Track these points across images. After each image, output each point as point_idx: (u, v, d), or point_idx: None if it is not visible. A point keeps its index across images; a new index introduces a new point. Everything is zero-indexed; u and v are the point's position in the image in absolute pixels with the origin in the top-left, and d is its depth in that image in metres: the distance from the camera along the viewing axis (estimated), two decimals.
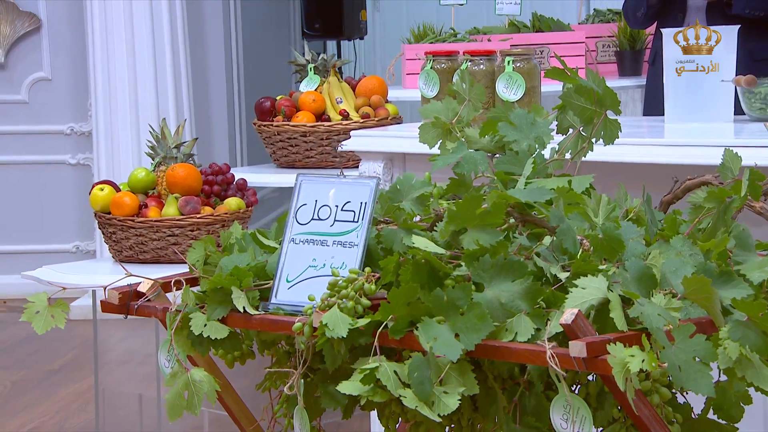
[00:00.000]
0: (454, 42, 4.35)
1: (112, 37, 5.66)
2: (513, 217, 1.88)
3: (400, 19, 10.60)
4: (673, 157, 2.72)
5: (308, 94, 3.73)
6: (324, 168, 3.71)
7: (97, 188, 3.36)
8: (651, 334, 1.60)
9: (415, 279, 1.77)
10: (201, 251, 2.06)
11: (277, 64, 7.55)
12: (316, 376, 1.95)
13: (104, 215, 3.33)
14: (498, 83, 3.05)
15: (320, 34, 9.06)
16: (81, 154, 6.29)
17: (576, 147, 2.21)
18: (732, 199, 1.98)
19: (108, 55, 5.69)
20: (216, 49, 6.32)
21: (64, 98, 6.24)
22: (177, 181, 3.29)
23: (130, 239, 3.28)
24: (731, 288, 1.71)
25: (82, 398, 4.37)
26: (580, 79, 2.14)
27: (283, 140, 3.71)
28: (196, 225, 3.26)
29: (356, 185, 1.94)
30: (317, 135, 3.67)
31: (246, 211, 3.34)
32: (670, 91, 3.18)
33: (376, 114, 3.73)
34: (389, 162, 3.13)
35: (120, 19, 5.64)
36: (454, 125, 2.36)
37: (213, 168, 3.37)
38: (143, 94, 5.65)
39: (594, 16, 4.88)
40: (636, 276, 1.72)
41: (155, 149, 3.42)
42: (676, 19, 3.95)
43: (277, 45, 7.61)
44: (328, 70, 3.78)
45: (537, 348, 1.65)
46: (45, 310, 1.97)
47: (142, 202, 3.32)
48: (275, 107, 3.76)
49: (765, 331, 1.62)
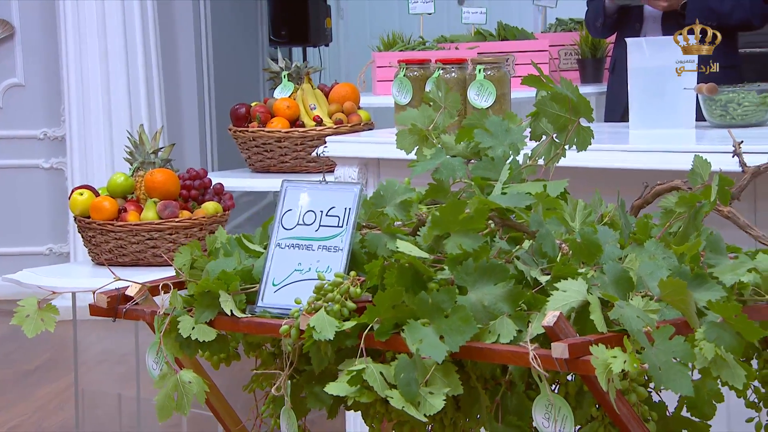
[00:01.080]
0: (423, 50, 4.35)
1: (85, 44, 5.62)
2: (494, 222, 1.88)
3: (363, 26, 10.61)
4: (640, 163, 2.74)
5: (282, 100, 3.72)
6: (298, 172, 3.71)
7: (77, 193, 3.34)
8: (630, 336, 1.61)
9: (399, 282, 1.77)
10: (187, 255, 2.05)
11: (246, 70, 7.53)
12: (301, 377, 1.95)
13: (84, 219, 3.31)
14: (469, 91, 3.06)
15: (286, 41, 9.06)
16: (54, 159, 6.24)
17: (549, 153, 2.22)
18: (702, 204, 2.00)
19: (81, 61, 5.65)
20: (187, 56, 6.29)
21: (37, 104, 6.19)
22: (156, 186, 3.28)
23: (109, 242, 3.26)
24: (705, 290, 1.73)
25: (59, 398, 4.34)
26: (555, 87, 2.15)
27: (258, 145, 3.71)
28: (174, 229, 3.24)
29: (341, 191, 1.94)
30: (292, 140, 3.67)
31: (223, 214, 3.33)
32: (635, 98, 3.20)
33: (348, 120, 3.73)
34: (364, 167, 3.13)
35: (93, 27, 5.60)
36: (431, 132, 2.36)
37: (191, 173, 3.36)
38: (116, 100, 5.61)
39: (556, 25, 4.90)
40: (614, 279, 1.73)
41: (133, 155, 3.40)
42: (633, 28, 3.99)
43: (246, 52, 7.59)
44: (302, 77, 3.78)
45: (520, 349, 1.66)
46: (35, 313, 1.96)
47: (121, 207, 3.30)
48: (250, 113, 3.76)
49: (739, 332, 1.63)
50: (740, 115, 3.12)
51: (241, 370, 2.32)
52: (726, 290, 1.74)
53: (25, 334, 1.94)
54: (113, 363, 4.86)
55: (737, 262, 1.82)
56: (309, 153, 3.67)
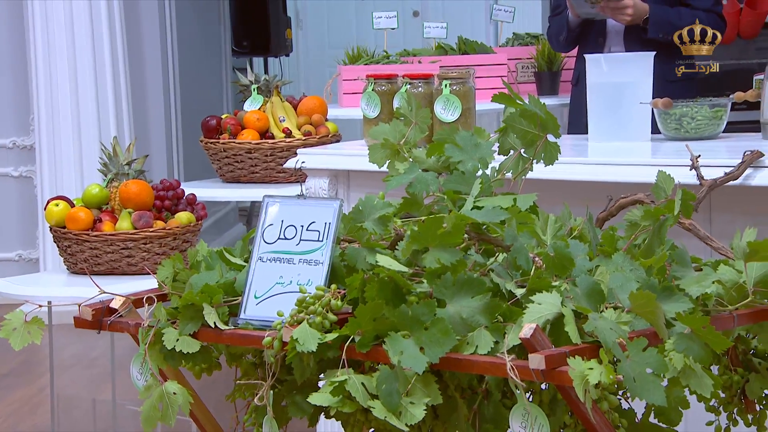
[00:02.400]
0: (388, 63, 4.36)
1: (54, 56, 5.57)
2: (470, 236, 1.89)
3: (322, 37, 10.61)
4: (600, 175, 2.75)
5: (252, 113, 3.71)
6: (268, 183, 3.70)
7: (52, 204, 3.31)
8: (604, 347, 1.62)
9: (380, 296, 1.77)
10: (170, 269, 2.04)
11: (210, 80, 7.49)
12: (283, 386, 1.95)
13: (59, 229, 3.28)
14: (436, 105, 3.07)
15: (248, 52, 9.04)
16: (23, 167, 6.18)
17: (517, 167, 2.23)
18: (666, 217, 2.02)
19: (50, 72, 5.59)
20: (154, 67, 6.25)
21: (6, 113, 6.12)
22: (130, 197, 3.25)
23: (84, 252, 3.24)
24: (673, 302, 1.74)
25: (32, 402, 4.29)
26: (525, 104, 2.16)
27: (229, 156, 3.69)
28: (149, 238, 3.22)
29: (321, 206, 1.94)
30: (262, 152, 3.66)
31: (196, 224, 3.32)
32: (593, 112, 3.22)
33: (317, 132, 3.73)
34: (334, 178, 3.13)
35: (62, 39, 5.55)
36: (402, 146, 2.37)
37: (164, 184, 3.34)
38: (84, 111, 5.56)
39: (513, 40, 4.93)
40: (586, 291, 1.75)
41: (107, 166, 3.37)
42: (596, 42, 4.00)
43: (210, 62, 7.56)
44: (271, 90, 3.77)
45: (498, 360, 1.66)
46: (21, 327, 1.94)
47: (97, 217, 3.27)
48: (221, 125, 3.74)
49: (707, 343, 1.65)
50: (694, 128, 3.15)
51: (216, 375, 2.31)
52: (692, 302, 1.76)
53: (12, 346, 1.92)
54: (83, 367, 4.81)
55: (702, 274, 1.84)
56: (279, 164, 3.66)
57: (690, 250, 2.07)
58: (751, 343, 2.09)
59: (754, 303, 1.87)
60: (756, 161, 2.57)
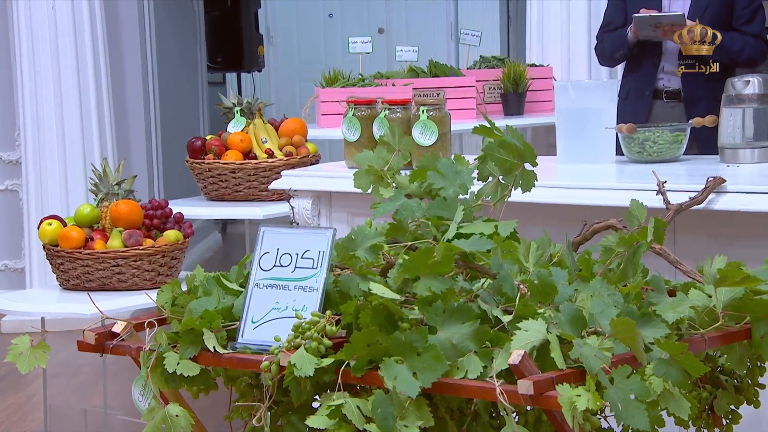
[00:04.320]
0: (363, 86, 4.36)
1: (40, 75, 5.51)
2: (458, 264, 1.89)
3: (291, 52, 10.60)
4: (571, 198, 2.77)
5: (236, 134, 3.70)
6: (252, 201, 3.69)
7: (45, 223, 3.28)
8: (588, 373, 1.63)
9: (374, 322, 1.77)
10: (169, 293, 2.03)
11: (187, 96, 7.45)
12: (279, 407, 1.94)
13: (52, 248, 3.25)
14: (414, 129, 3.07)
15: (222, 67, 9.02)
16: (9, 180, 6.11)
17: (496, 193, 2.24)
18: (640, 243, 2.03)
19: (36, 90, 5.53)
20: (134, 85, 6.20)
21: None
22: (120, 216, 3.23)
23: (77, 269, 3.21)
24: (651, 328, 1.75)
25: (21, 410, 4.24)
26: (504, 136, 2.17)
27: (213, 176, 3.68)
28: (138, 256, 3.20)
29: (315, 235, 1.93)
30: (245, 171, 3.65)
31: (184, 242, 3.30)
32: (561, 135, 3.24)
33: (298, 152, 3.72)
34: (317, 199, 3.12)
35: (47, 60, 5.49)
36: (386, 172, 2.37)
37: (153, 203, 3.32)
38: (69, 126, 5.51)
39: (481, 62, 4.95)
40: (569, 318, 1.75)
41: (98, 186, 3.35)
42: (652, 62, 3.92)
43: (187, 78, 7.52)
44: (254, 112, 3.76)
45: (487, 385, 1.67)
46: (28, 351, 1.92)
47: (88, 236, 3.25)
48: (206, 146, 3.73)
49: (684, 368, 1.66)
50: (656, 151, 3.17)
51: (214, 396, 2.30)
52: (668, 327, 1.77)
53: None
54: (70, 375, 4.76)
55: (677, 300, 1.85)
56: (262, 183, 3.66)
57: (655, 269, 2.08)
58: (719, 361, 2.11)
59: (723, 326, 1.89)
60: (718, 187, 2.59)
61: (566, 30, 5.11)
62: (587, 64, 5.07)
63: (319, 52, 10.53)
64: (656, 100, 3.93)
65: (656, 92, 3.92)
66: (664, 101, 3.92)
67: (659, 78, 3.91)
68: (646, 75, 3.90)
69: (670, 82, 3.92)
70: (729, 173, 2.86)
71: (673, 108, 3.91)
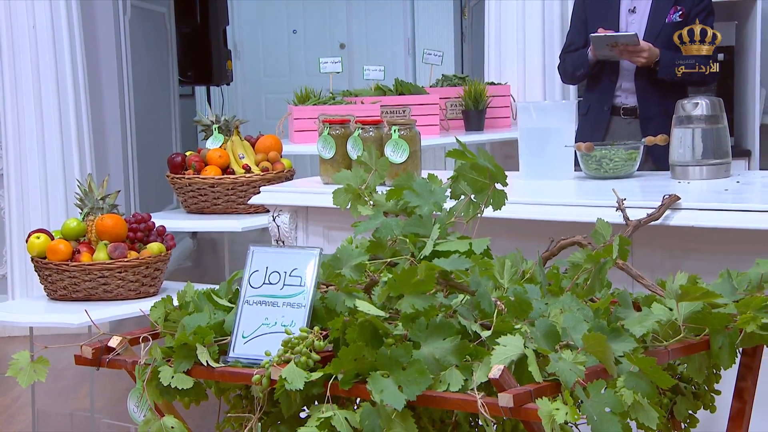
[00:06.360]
0: (334, 104, 4.35)
1: (21, 90, 5.44)
2: (439, 283, 1.90)
3: (257, 66, 10.57)
4: (536, 214, 2.78)
5: (214, 150, 3.68)
6: (230, 214, 3.67)
7: (34, 236, 3.24)
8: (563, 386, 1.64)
9: (360, 338, 1.77)
10: (161, 309, 2.01)
11: (160, 109, 7.40)
12: (269, 417, 1.93)
13: (40, 260, 3.22)
14: (386, 148, 3.07)
15: (192, 81, 8.97)
16: None
17: (468, 211, 2.25)
18: (606, 260, 2.05)
19: (17, 105, 5.47)
20: (111, 102, 6.15)
21: None
22: (106, 230, 3.21)
23: (64, 281, 3.18)
24: (620, 342, 1.77)
25: (7, 412, 4.19)
26: (477, 159, 2.18)
27: (193, 190, 3.66)
28: (123, 267, 3.18)
29: (302, 254, 1.93)
30: (224, 186, 3.63)
31: (166, 254, 3.28)
32: (523, 152, 3.26)
33: (273, 168, 3.71)
34: (294, 214, 3.12)
35: (28, 72, 5.43)
36: (363, 191, 2.37)
37: (136, 217, 3.29)
38: (50, 141, 5.45)
39: (443, 81, 4.96)
40: (544, 333, 1.77)
41: (83, 201, 3.32)
42: (609, 79, 3.95)
43: (160, 91, 7.47)
44: (231, 129, 3.74)
45: (469, 398, 1.68)
46: (27, 366, 1.90)
47: (75, 248, 3.22)
48: (185, 162, 3.71)
49: (653, 380, 1.68)
50: (612, 168, 3.20)
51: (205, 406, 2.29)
52: (636, 341, 1.79)
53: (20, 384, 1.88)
54: (52, 378, 4.71)
55: (643, 315, 1.87)
56: (239, 197, 3.64)
57: (614, 281, 2.11)
58: (678, 369, 2.13)
59: (684, 338, 1.91)
60: (673, 204, 2.62)
61: (522, 49, 5.14)
62: (542, 82, 5.10)
63: (283, 66, 10.52)
64: (614, 116, 3.96)
65: (614, 108, 3.96)
66: (621, 117, 3.96)
67: (616, 95, 3.95)
68: (604, 92, 3.93)
69: (626, 99, 3.96)
70: (680, 189, 2.89)
71: (630, 124, 3.95)
